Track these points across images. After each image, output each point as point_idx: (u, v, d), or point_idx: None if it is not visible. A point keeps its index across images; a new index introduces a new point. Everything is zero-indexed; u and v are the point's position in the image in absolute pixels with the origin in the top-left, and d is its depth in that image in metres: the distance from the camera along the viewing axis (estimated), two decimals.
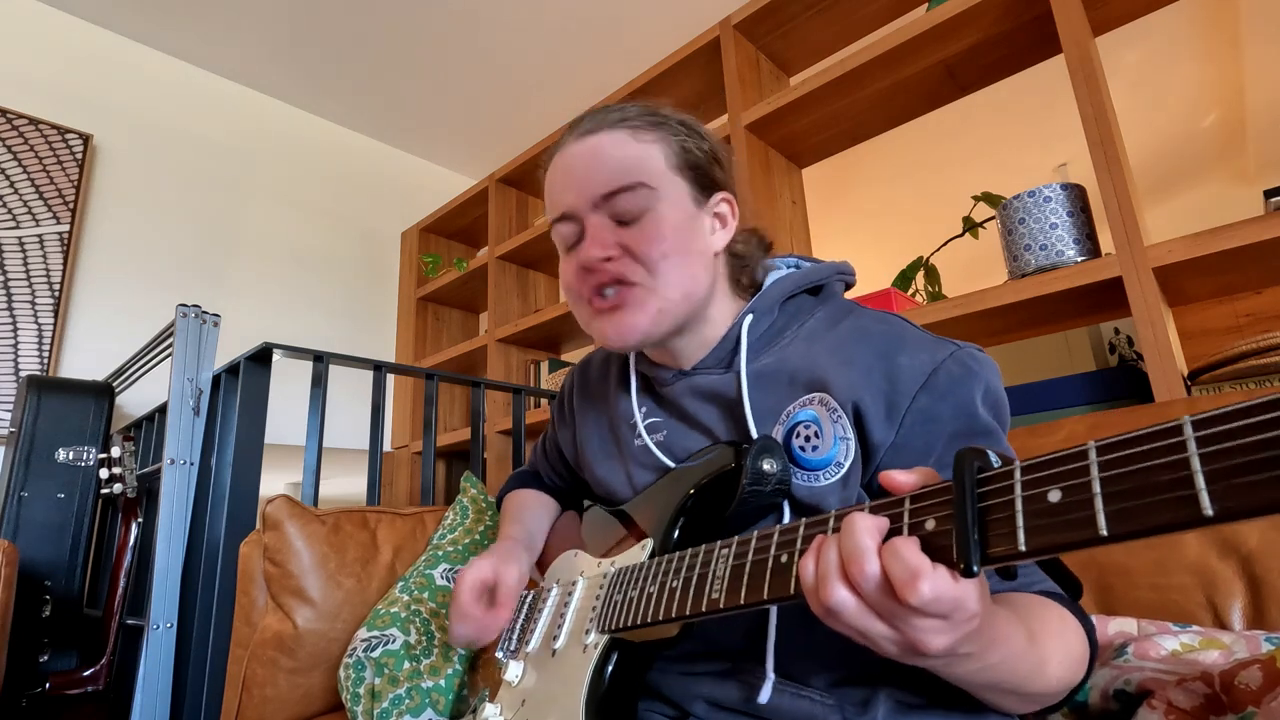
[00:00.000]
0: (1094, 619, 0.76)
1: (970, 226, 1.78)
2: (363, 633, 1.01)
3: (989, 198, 1.69)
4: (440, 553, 1.12)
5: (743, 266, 0.71)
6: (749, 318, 0.66)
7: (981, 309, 1.32)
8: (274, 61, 2.53)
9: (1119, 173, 1.19)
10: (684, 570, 0.53)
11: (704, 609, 0.49)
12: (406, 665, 0.97)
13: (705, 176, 0.67)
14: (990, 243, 1.79)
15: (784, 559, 0.44)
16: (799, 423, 0.59)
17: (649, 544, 0.63)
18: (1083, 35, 1.27)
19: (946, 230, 1.88)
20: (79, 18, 2.27)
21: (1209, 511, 0.26)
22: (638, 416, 0.72)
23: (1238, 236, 1.06)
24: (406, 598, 1.05)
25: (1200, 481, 0.26)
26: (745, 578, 0.47)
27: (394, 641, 0.99)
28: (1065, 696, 0.53)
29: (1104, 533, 0.29)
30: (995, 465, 0.36)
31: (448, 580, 1.07)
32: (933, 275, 1.78)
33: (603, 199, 0.63)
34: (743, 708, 0.58)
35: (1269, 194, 1.09)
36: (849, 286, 0.72)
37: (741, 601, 0.46)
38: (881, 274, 2.30)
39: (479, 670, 1.00)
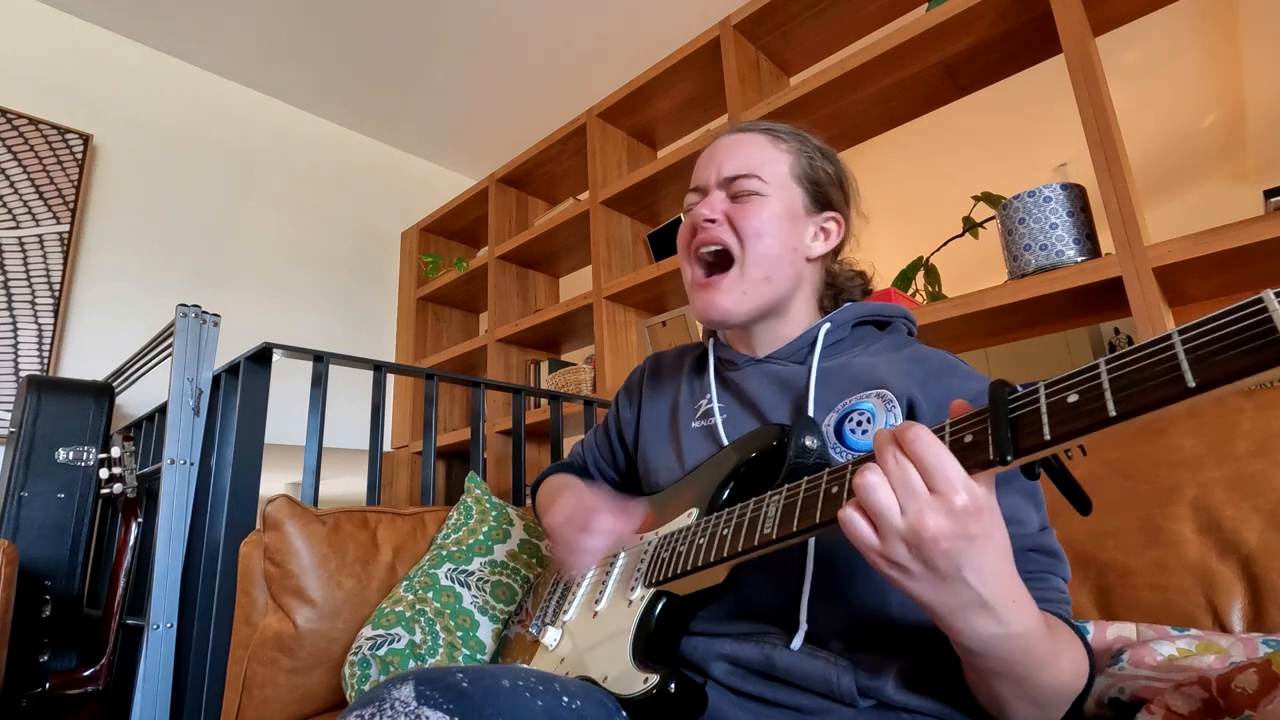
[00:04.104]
0: (1092, 624, 0.76)
1: (970, 226, 1.78)
2: (368, 631, 1.01)
3: (989, 198, 1.69)
4: (444, 553, 1.12)
5: (834, 293, 0.81)
6: (826, 325, 0.75)
7: (981, 309, 1.32)
8: (274, 61, 2.53)
9: (1119, 173, 1.19)
10: (734, 519, 0.57)
11: (756, 543, 0.52)
12: (412, 664, 0.97)
13: (821, 192, 0.78)
14: (990, 243, 1.79)
15: (834, 490, 0.49)
16: (855, 410, 0.65)
17: (694, 512, 0.67)
18: (1083, 35, 1.27)
19: (946, 230, 1.88)
20: (79, 18, 2.27)
21: (1191, 384, 0.33)
22: (713, 392, 0.79)
23: (1238, 236, 1.07)
24: (411, 597, 1.05)
25: (1185, 365, 0.34)
26: (798, 508, 0.50)
27: (399, 640, 0.99)
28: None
29: (1112, 413, 0.36)
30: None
31: (452, 580, 1.07)
32: (933, 275, 1.78)
33: (726, 180, 0.76)
34: (760, 667, 0.61)
35: (1269, 194, 1.09)
36: (911, 333, 0.80)
37: (794, 529, 0.49)
38: (882, 273, 2.29)
39: (508, 654, 1.00)
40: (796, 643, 0.59)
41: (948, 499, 0.41)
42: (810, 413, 0.68)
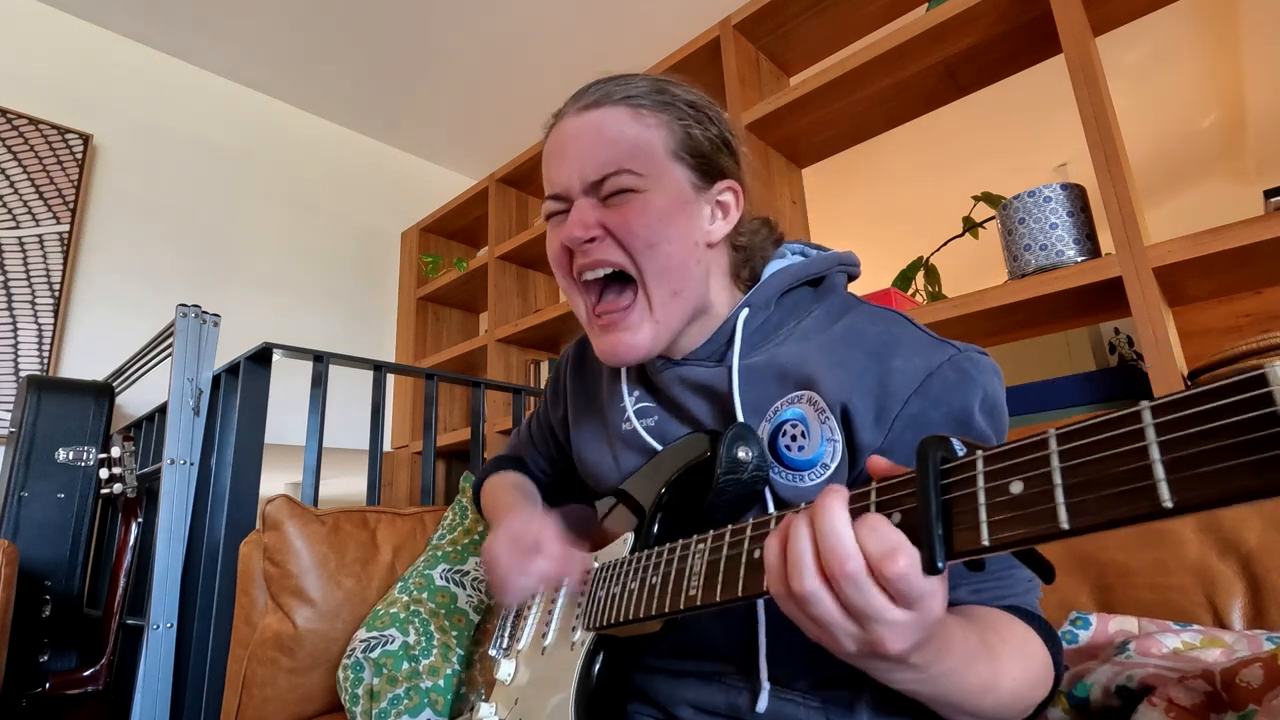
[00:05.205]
0: (1094, 618, 0.76)
1: (970, 226, 1.78)
2: (362, 633, 1.01)
3: (989, 198, 1.69)
4: (440, 553, 1.12)
5: (745, 260, 0.69)
6: (744, 312, 0.64)
7: (981, 309, 1.31)
8: (274, 61, 2.53)
9: (1119, 173, 1.19)
10: (662, 565, 0.53)
11: (683, 606, 0.49)
12: (405, 666, 0.97)
13: (709, 163, 0.64)
14: (990, 243, 1.79)
15: (757, 555, 0.44)
16: (786, 421, 0.58)
17: (629, 538, 0.63)
18: (1083, 35, 1.27)
19: (946, 230, 1.88)
20: (79, 18, 2.27)
21: (1168, 504, 0.25)
22: (628, 401, 0.71)
23: (1238, 236, 1.06)
24: (405, 598, 1.05)
25: (1159, 471, 0.26)
26: (720, 574, 0.46)
27: (393, 642, 0.99)
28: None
29: (1065, 526, 0.29)
30: (959, 453, 0.35)
31: (447, 580, 1.07)
32: (933, 275, 1.78)
33: (591, 185, 0.62)
34: (728, 712, 0.58)
35: (1269, 194, 1.09)
36: (852, 278, 0.69)
37: (718, 599, 0.46)
38: (882, 274, 2.30)
39: (476, 668, 1.00)
40: (761, 704, 0.55)
41: (923, 615, 0.37)
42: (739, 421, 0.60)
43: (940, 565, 0.33)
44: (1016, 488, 0.31)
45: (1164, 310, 1.15)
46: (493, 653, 0.75)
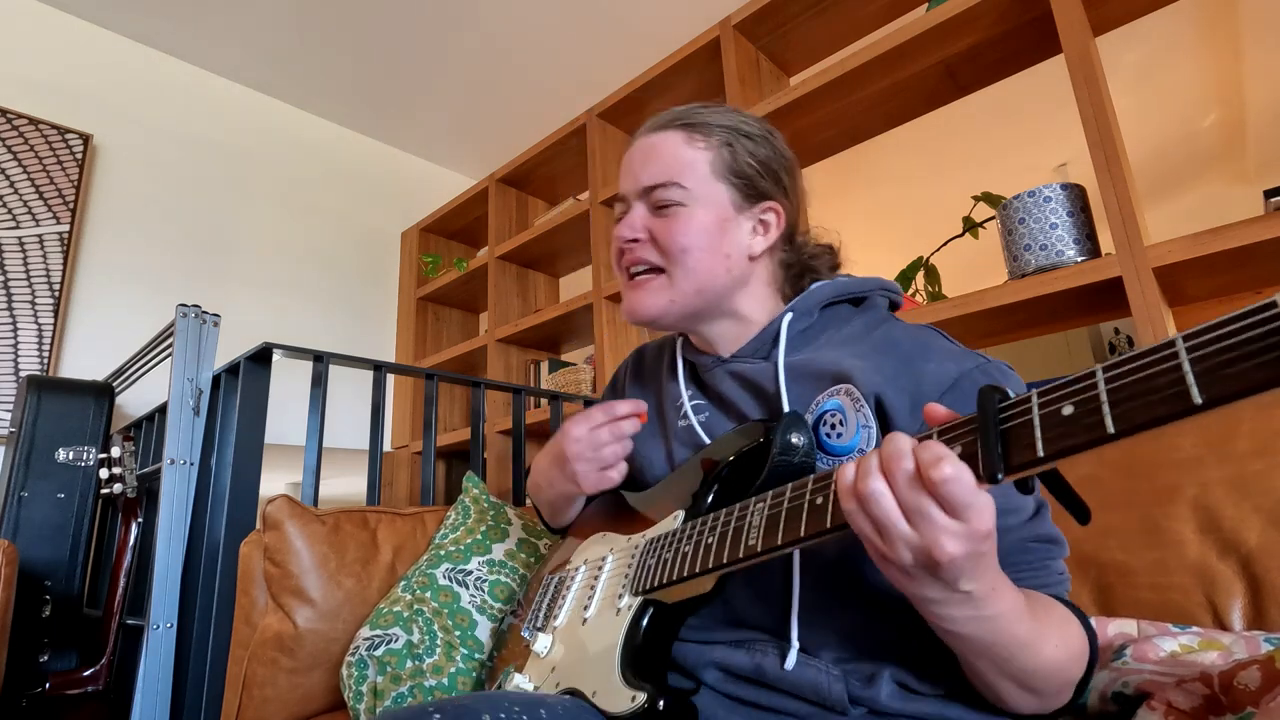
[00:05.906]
0: (1094, 620, 0.76)
1: (970, 226, 1.78)
2: (365, 631, 1.01)
3: (989, 198, 1.69)
4: (442, 552, 1.12)
5: (798, 274, 0.76)
6: (789, 315, 0.71)
7: (981, 309, 1.32)
8: (274, 61, 2.53)
9: (1119, 173, 1.19)
10: (719, 526, 0.56)
11: (741, 555, 0.51)
12: (409, 664, 0.97)
13: (751, 186, 0.73)
14: (990, 243, 1.79)
15: (819, 500, 0.47)
16: (826, 411, 0.63)
17: (680, 514, 0.66)
18: (1083, 35, 1.27)
19: (946, 230, 1.88)
20: (79, 18, 2.27)
21: (1199, 400, 0.31)
22: (684, 397, 0.77)
23: (1238, 236, 1.07)
24: (409, 597, 1.05)
25: (1191, 380, 0.31)
26: (782, 520, 0.49)
27: (397, 640, 0.99)
28: (1065, 705, 0.53)
29: (1110, 431, 0.34)
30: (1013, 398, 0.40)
31: (449, 580, 1.07)
32: (933, 275, 1.78)
33: (644, 191, 0.72)
34: (753, 675, 0.61)
35: (1269, 194, 1.09)
36: (894, 306, 0.76)
37: (779, 542, 0.48)
38: (882, 274, 2.30)
39: (504, 650, 1.00)
40: (790, 662, 0.58)
41: (972, 526, 0.40)
42: (785, 411, 0.65)
43: (1000, 477, 0.38)
44: (1068, 410, 0.36)
45: (1164, 310, 1.15)
46: (525, 633, 0.75)
